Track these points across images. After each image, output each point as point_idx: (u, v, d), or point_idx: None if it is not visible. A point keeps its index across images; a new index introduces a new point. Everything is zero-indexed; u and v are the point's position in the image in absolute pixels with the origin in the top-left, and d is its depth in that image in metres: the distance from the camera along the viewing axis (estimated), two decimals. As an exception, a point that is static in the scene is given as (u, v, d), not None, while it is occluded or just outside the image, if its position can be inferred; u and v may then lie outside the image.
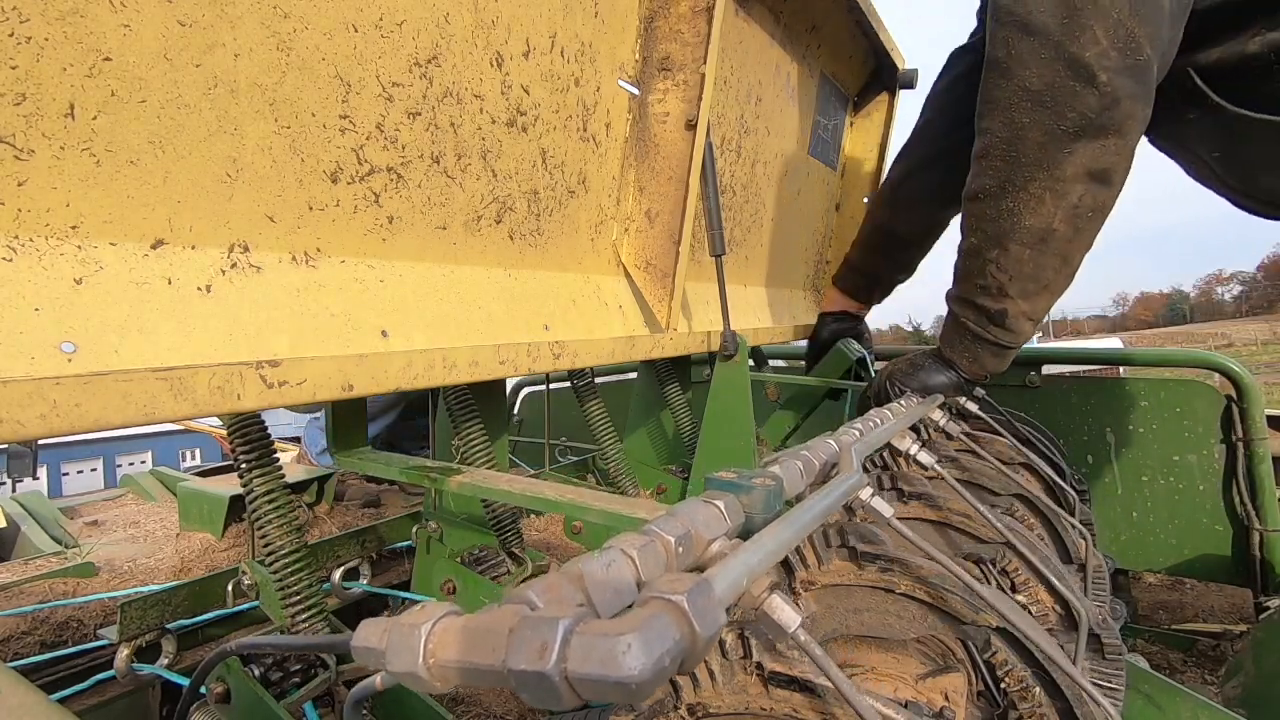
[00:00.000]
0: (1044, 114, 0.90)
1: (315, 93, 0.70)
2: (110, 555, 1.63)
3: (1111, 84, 0.86)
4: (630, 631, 0.24)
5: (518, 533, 1.26)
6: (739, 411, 1.35)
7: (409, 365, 0.78)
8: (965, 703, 0.51)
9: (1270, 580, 1.65)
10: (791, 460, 0.55)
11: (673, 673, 0.26)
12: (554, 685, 0.24)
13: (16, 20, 0.49)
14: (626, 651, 0.23)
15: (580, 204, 1.13)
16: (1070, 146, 0.90)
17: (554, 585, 0.31)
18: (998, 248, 1.00)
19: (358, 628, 0.31)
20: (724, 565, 0.35)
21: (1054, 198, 0.94)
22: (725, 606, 0.31)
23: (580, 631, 0.25)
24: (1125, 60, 0.85)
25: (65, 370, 0.51)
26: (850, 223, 2.32)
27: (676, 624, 0.26)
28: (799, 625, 0.38)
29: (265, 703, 0.91)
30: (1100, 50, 0.85)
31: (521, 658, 0.25)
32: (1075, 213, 0.95)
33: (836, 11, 1.73)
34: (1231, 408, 1.71)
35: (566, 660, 0.24)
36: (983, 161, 0.99)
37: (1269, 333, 39.37)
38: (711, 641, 0.28)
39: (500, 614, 0.27)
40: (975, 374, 1.14)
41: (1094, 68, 0.85)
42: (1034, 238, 0.97)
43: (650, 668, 0.24)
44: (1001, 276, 1.01)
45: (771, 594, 0.39)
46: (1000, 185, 0.97)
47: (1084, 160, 0.91)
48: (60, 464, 15.51)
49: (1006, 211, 0.97)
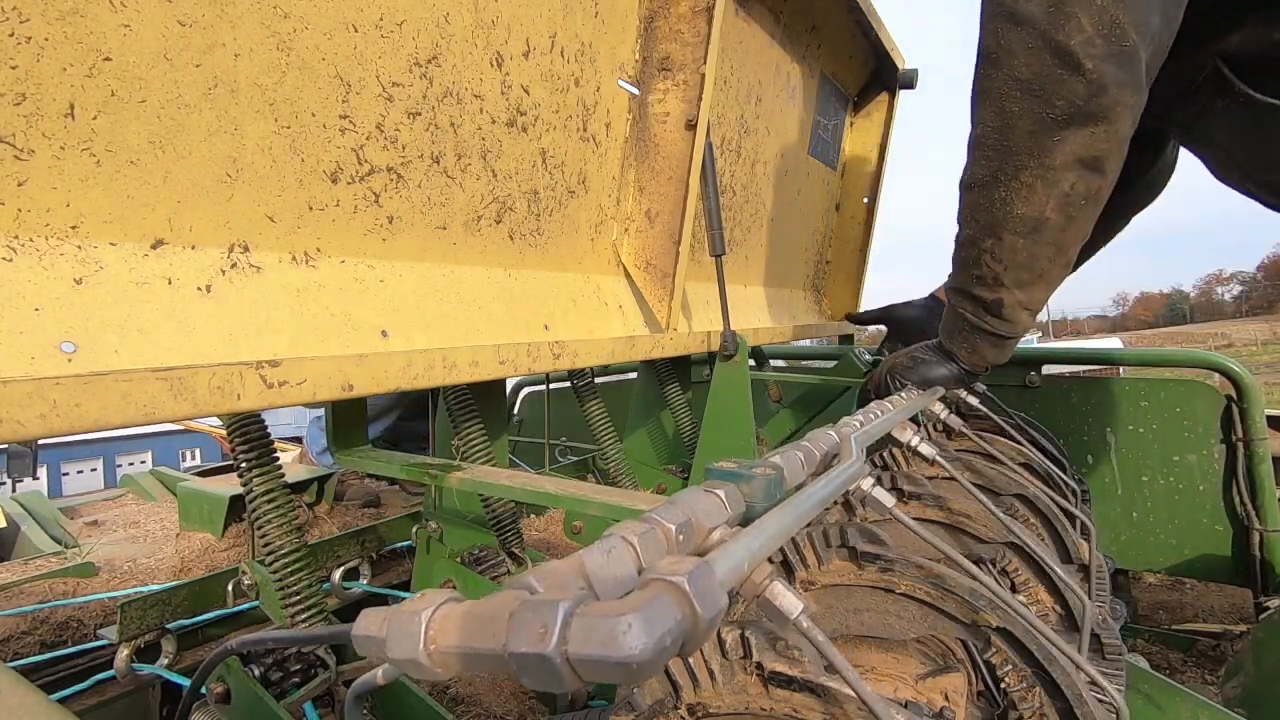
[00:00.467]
0: (1033, 102, 0.91)
1: (315, 93, 0.70)
2: (110, 555, 1.63)
3: (1097, 71, 0.86)
4: (631, 612, 0.24)
5: (518, 532, 1.26)
6: (739, 411, 1.35)
7: (409, 365, 0.78)
8: (965, 703, 0.51)
9: (1270, 580, 1.65)
10: (792, 451, 0.55)
11: (674, 654, 0.26)
12: (555, 667, 0.24)
13: (16, 20, 0.49)
14: (627, 632, 0.23)
15: (580, 204, 1.13)
16: (1059, 134, 0.91)
17: (555, 572, 0.31)
18: (991, 237, 1.01)
19: (358, 617, 0.31)
20: (725, 549, 0.35)
21: (1045, 186, 0.94)
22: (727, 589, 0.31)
23: (581, 613, 0.25)
24: (1110, 47, 0.86)
25: (65, 370, 0.51)
26: (850, 223, 2.32)
27: (677, 604, 0.26)
28: (801, 612, 0.38)
29: (265, 703, 0.91)
30: (1085, 38, 0.85)
31: (522, 640, 0.25)
32: (1067, 201, 0.95)
33: (836, 11, 1.73)
34: (1231, 408, 1.71)
35: (567, 642, 0.24)
36: (976, 151, 1.00)
37: (1269, 333, 39.39)
38: (713, 623, 0.28)
39: (501, 599, 0.27)
40: (975, 365, 1.14)
41: (1079, 55, 0.86)
42: (1027, 227, 0.98)
43: (651, 648, 0.24)
44: (996, 266, 1.02)
45: (773, 581, 0.38)
46: (993, 175, 0.98)
47: (1073, 148, 0.91)
48: (60, 464, 15.52)
49: (999, 201, 0.98)
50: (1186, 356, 1.80)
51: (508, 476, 0.98)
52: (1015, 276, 1.02)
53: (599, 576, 0.32)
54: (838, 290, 2.38)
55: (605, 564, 0.32)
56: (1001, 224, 0.99)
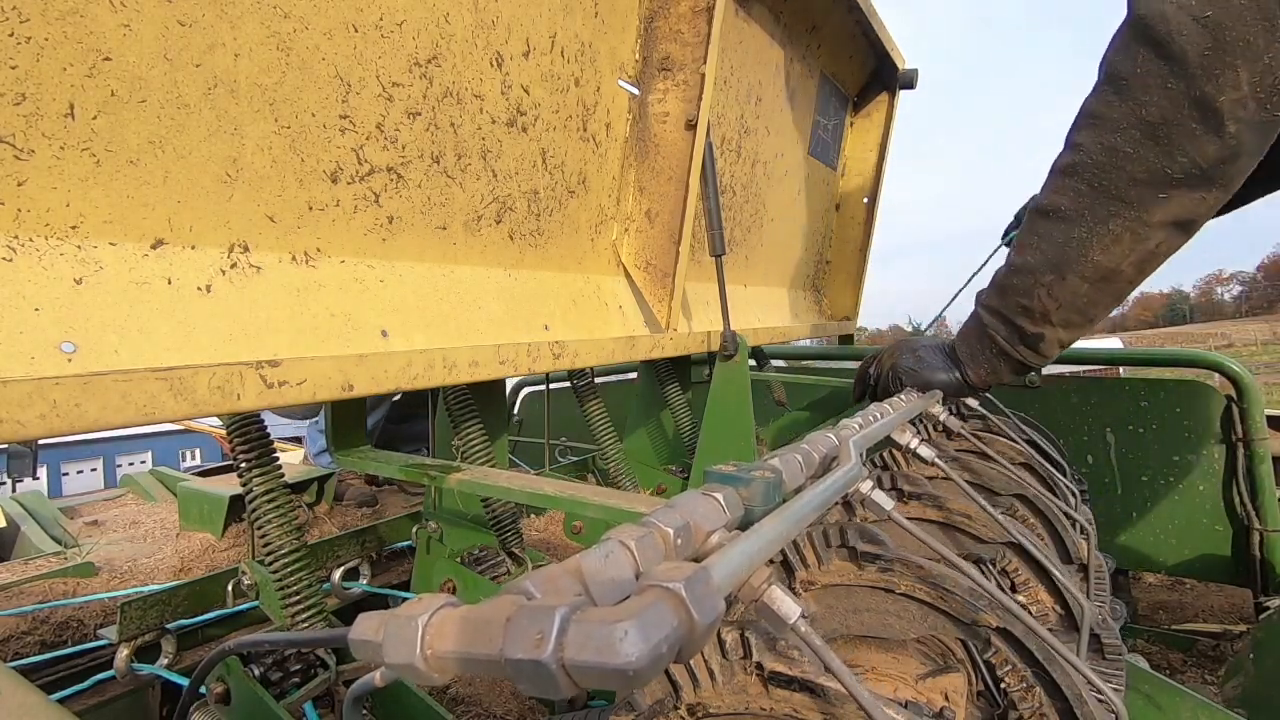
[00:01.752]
0: (1152, 150, 0.81)
1: (315, 93, 0.70)
2: (110, 555, 1.63)
3: (1238, 137, 0.76)
4: (628, 619, 0.24)
5: (517, 532, 1.26)
6: (739, 411, 1.35)
7: (409, 365, 0.78)
8: (965, 703, 0.51)
9: (1270, 580, 1.65)
10: (791, 454, 0.55)
11: (670, 660, 0.26)
12: (551, 674, 0.24)
13: (16, 20, 0.49)
14: (624, 639, 0.23)
15: (580, 204, 1.13)
16: (1168, 192, 0.82)
17: (552, 576, 0.31)
18: (1054, 274, 0.92)
19: (355, 621, 0.31)
20: (722, 554, 0.35)
21: (1132, 240, 0.86)
22: (724, 595, 0.31)
23: (577, 620, 0.24)
24: (1262, 114, 0.75)
25: (65, 370, 0.51)
26: (850, 223, 2.32)
27: (674, 611, 0.26)
28: (799, 616, 0.38)
29: (265, 703, 0.91)
30: (1238, 98, 0.74)
31: (519, 647, 0.25)
32: (1149, 258, 0.87)
33: (836, 11, 1.73)
34: (1231, 408, 1.71)
35: (564, 649, 0.24)
36: (1064, 179, 0.90)
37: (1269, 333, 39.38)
38: (710, 629, 0.28)
39: (498, 604, 0.27)
40: (984, 383, 1.08)
41: (1225, 115, 0.75)
42: (1097, 275, 0.89)
43: (648, 654, 0.23)
44: (1049, 303, 0.94)
45: (771, 585, 0.38)
46: (1077, 211, 0.89)
47: (1176, 209, 0.83)
48: (60, 464, 15.51)
49: (1076, 241, 0.89)
50: (1187, 356, 1.80)
51: (507, 478, 0.98)
52: (1065, 317, 0.94)
53: (596, 581, 0.32)
54: (838, 290, 2.38)
55: (603, 568, 0.32)
56: (1070, 265, 0.90)
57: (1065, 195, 0.90)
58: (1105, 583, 0.91)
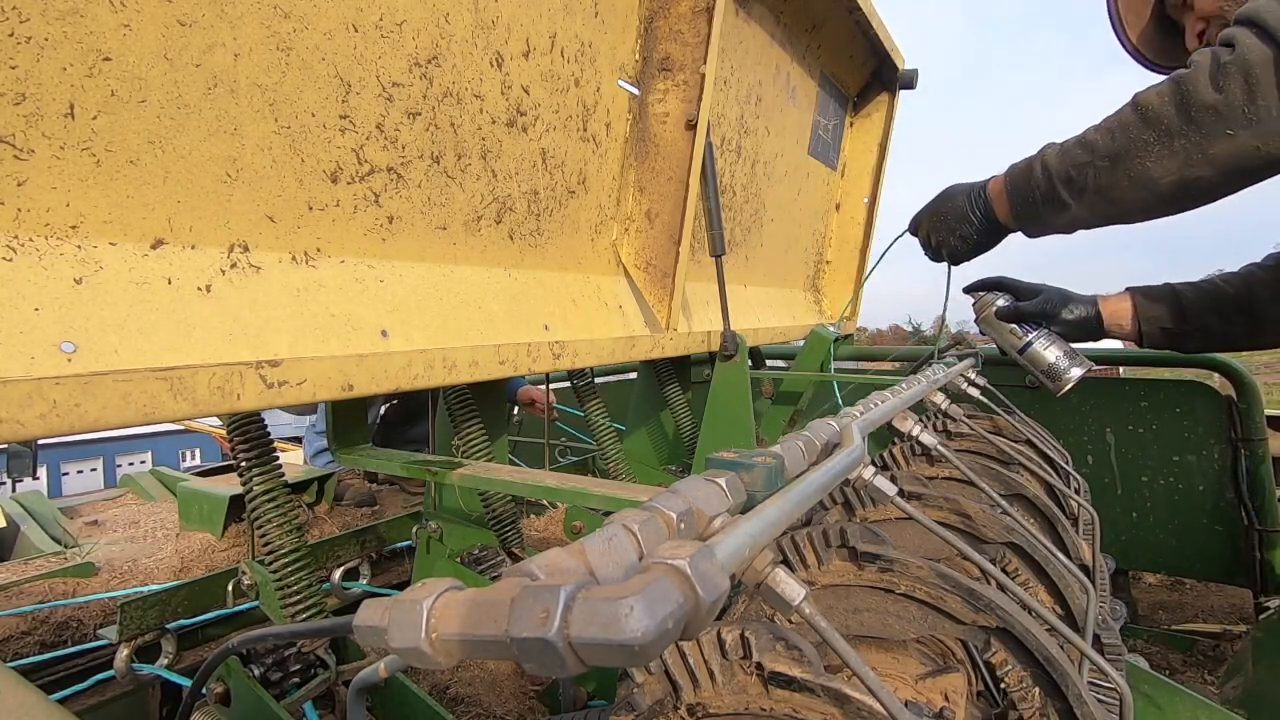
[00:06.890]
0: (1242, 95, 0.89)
1: (315, 93, 0.70)
2: (110, 555, 1.63)
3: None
4: (633, 595, 0.24)
5: (518, 532, 1.26)
6: (739, 411, 1.35)
7: (409, 365, 0.78)
8: (965, 703, 0.51)
9: (1270, 580, 1.65)
10: (793, 440, 0.55)
11: (676, 637, 0.26)
12: (557, 651, 0.24)
13: (16, 20, 0.49)
14: (629, 614, 0.23)
15: (580, 204, 1.13)
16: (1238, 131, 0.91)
17: (556, 559, 0.31)
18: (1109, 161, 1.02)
19: (360, 607, 0.31)
20: (726, 534, 0.34)
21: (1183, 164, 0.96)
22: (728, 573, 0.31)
23: (583, 597, 0.24)
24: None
25: (65, 370, 0.51)
26: (850, 223, 2.32)
27: (679, 587, 0.26)
28: (803, 599, 0.38)
29: (265, 703, 0.91)
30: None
31: (524, 626, 0.25)
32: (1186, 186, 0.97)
33: (836, 11, 1.73)
34: (1231, 408, 1.71)
35: (569, 626, 0.24)
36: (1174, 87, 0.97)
37: (1269, 333, 39.30)
38: (715, 606, 0.28)
39: (502, 586, 0.27)
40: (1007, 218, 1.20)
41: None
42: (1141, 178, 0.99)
43: (653, 630, 0.23)
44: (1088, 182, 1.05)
45: (775, 568, 0.38)
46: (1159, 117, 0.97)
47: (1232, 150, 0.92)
48: (60, 464, 15.49)
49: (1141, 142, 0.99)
50: (1187, 356, 1.80)
51: (509, 472, 0.98)
52: (1091, 201, 1.06)
53: (600, 563, 0.31)
54: (837, 290, 2.37)
55: (606, 551, 0.32)
56: (1124, 158, 1.00)
57: (1161, 100, 0.98)
58: (1105, 583, 0.91)
